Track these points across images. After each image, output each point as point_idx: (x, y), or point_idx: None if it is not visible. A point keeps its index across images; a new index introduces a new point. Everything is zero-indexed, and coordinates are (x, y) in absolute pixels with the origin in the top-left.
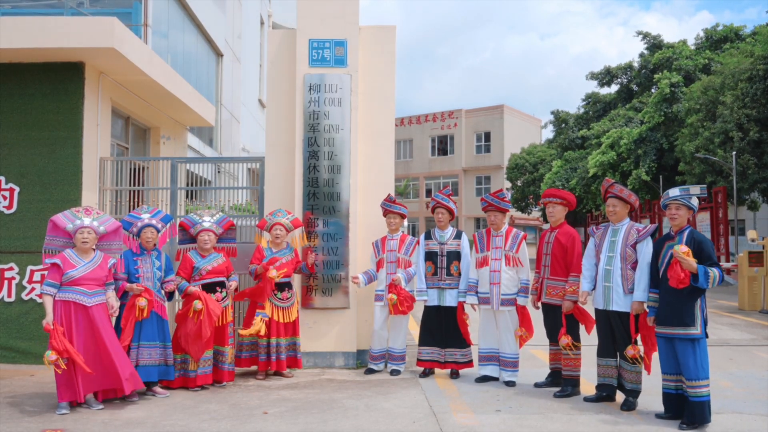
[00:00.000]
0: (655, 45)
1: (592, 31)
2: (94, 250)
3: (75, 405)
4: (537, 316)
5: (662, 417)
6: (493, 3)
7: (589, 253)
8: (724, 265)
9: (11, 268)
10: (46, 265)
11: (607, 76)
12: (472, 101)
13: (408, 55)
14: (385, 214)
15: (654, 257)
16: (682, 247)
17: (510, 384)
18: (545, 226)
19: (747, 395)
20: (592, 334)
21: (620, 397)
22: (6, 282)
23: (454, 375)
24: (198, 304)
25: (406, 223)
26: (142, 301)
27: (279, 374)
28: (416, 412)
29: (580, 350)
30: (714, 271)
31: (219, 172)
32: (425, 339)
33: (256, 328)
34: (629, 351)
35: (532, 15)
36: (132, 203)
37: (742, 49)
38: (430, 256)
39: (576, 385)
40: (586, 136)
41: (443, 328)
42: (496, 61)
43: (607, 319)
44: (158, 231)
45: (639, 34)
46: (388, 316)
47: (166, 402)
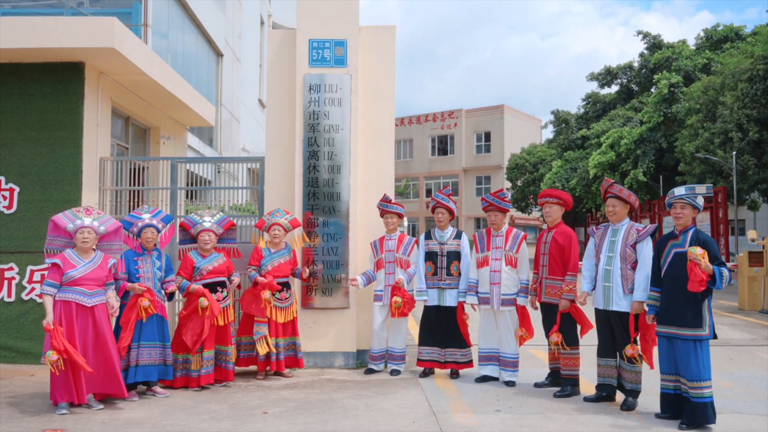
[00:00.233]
0: (655, 45)
1: (593, 31)
2: (95, 250)
3: (75, 405)
4: (537, 316)
5: (662, 417)
6: (494, 3)
7: (589, 253)
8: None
9: (11, 268)
10: (46, 265)
11: (607, 77)
12: (472, 101)
13: (408, 55)
14: (382, 215)
15: (656, 256)
16: (697, 249)
17: (510, 384)
18: (545, 226)
19: (747, 395)
20: (591, 334)
21: (620, 397)
22: (6, 282)
23: (454, 375)
24: (204, 301)
25: (406, 222)
26: (144, 301)
27: (279, 374)
28: (416, 412)
29: (578, 350)
30: (725, 271)
31: (219, 172)
32: (425, 339)
33: (263, 350)
34: (628, 350)
35: (532, 15)
36: (132, 203)
37: (742, 49)
38: (430, 256)
39: (576, 385)
40: (586, 135)
41: (443, 328)
42: (496, 61)
43: (607, 319)
44: (159, 231)
45: (639, 34)
46: (388, 316)
47: (166, 402)
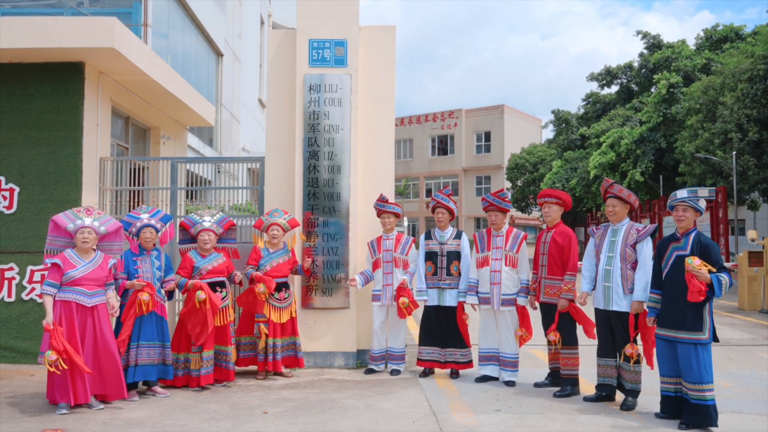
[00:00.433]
0: (655, 45)
1: (593, 31)
2: (95, 250)
3: (74, 405)
4: (537, 316)
5: (661, 417)
6: (494, 3)
7: (588, 253)
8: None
9: (11, 268)
10: (46, 265)
11: (607, 77)
12: (472, 101)
13: (408, 55)
14: (379, 215)
15: (657, 259)
16: (695, 260)
17: (510, 384)
18: (545, 226)
19: (747, 395)
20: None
21: (620, 396)
22: (6, 282)
23: (454, 375)
24: (201, 294)
25: (406, 222)
26: (144, 295)
27: (279, 374)
28: (416, 411)
29: (577, 350)
30: (724, 278)
31: (219, 172)
32: (425, 339)
33: (261, 343)
34: (627, 350)
35: (532, 15)
36: (132, 203)
37: (743, 49)
38: (430, 256)
39: (575, 385)
40: (586, 135)
41: (443, 328)
42: (496, 61)
43: (607, 319)
44: (157, 231)
45: (638, 34)
46: (387, 316)
47: (167, 402)
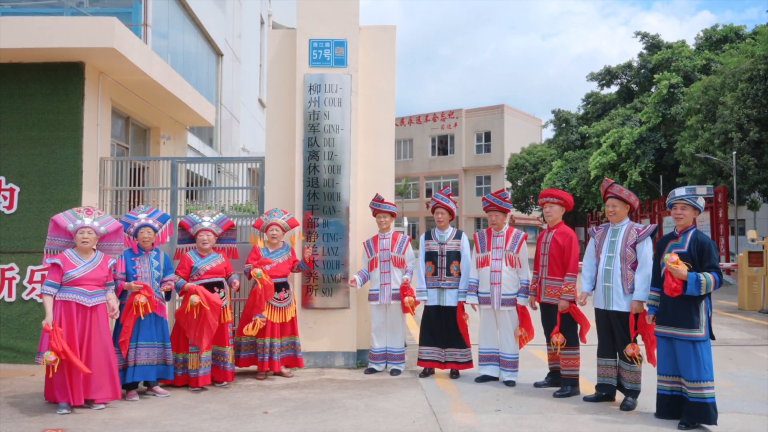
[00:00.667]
0: (654, 45)
1: (593, 31)
2: (95, 250)
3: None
4: (537, 316)
5: (661, 417)
6: (494, 3)
7: (589, 254)
8: (724, 265)
9: (11, 268)
10: (46, 265)
11: (607, 76)
12: (472, 101)
13: (408, 55)
14: (374, 214)
15: (656, 257)
16: (671, 257)
17: (510, 384)
18: (545, 226)
19: (747, 395)
20: (591, 334)
21: (620, 397)
22: (6, 282)
23: (454, 375)
24: (195, 299)
25: (406, 222)
26: (141, 298)
27: (279, 374)
28: (416, 411)
29: (577, 350)
30: (708, 277)
31: (219, 172)
32: (425, 339)
33: (256, 330)
34: (628, 350)
35: (533, 15)
36: (132, 203)
37: (743, 49)
38: (430, 256)
39: (575, 385)
40: (586, 134)
41: (443, 328)
42: (496, 61)
43: (607, 319)
44: (155, 231)
45: (638, 35)
46: (386, 315)
47: (167, 402)
